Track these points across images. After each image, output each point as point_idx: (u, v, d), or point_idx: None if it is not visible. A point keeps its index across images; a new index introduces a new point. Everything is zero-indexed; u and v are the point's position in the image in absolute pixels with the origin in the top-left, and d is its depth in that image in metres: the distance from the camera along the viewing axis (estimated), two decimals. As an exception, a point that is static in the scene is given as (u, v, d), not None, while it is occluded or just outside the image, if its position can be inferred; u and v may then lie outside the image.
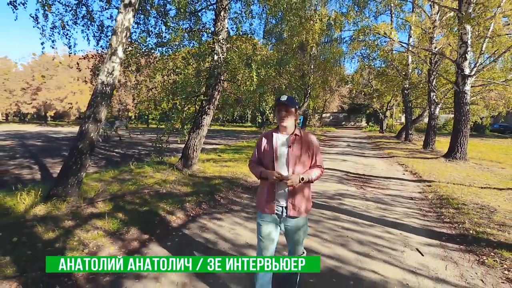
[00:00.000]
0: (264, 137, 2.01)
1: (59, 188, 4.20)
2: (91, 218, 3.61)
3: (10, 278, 2.30)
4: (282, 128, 1.94)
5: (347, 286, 2.35)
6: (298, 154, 1.91)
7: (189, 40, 7.15)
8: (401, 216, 4.09)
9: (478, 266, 2.67)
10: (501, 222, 3.66)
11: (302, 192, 1.94)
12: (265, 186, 1.96)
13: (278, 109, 1.90)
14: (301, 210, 1.93)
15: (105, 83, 4.24)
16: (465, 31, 8.40)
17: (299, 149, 1.91)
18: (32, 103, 43.67)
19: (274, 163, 1.90)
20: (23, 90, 43.72)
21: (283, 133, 1.95)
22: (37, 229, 3.24)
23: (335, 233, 3.42)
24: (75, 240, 2.99)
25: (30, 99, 43.27)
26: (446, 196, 4.98)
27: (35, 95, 42.46)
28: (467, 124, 9.16)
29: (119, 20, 4.21)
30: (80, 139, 4.25)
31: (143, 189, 5.14)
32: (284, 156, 1.91)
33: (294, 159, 1.90)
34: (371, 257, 2.85)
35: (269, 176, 1.87)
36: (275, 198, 1.93)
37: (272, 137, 1.95)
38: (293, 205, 1.91)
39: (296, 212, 1.91)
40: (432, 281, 2.43)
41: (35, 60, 44.67)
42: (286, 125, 1.90)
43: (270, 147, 1.94)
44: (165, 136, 8.93)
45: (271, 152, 1.92)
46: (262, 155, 1.99)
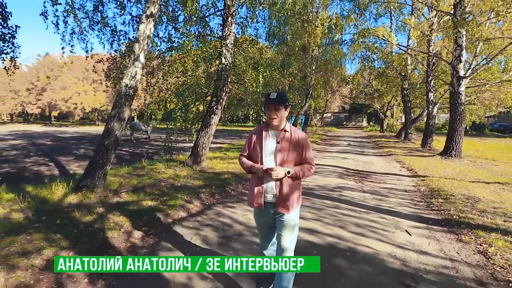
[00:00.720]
0: (254, 133, 2.04)
1: (87, 180, 4.70)
2: (119, 206, 4.10)
3: (67, 248, 2.79)
4: (272, 126, 1.95)
5: (345, 257, 2.82)
6: (286, 149, 1.92)
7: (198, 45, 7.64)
8: (395, 205, 4.56)
9: (456, 243, 3.14)
10: (482, 210, 4.12)
11: (290, 188, 1.95)
12: (254, 180, 2.00)
13: (267, 107, 1.90)
14: (288, 207, 1.93)
15: (129, 86, 4.73)
16: (459, 34, 8.84)
17: (287, 145, 1.92)
18: (37, 103, 44.26)
19: (262, 159, 1.93)
20: (28, 90, 44.32)
21: (274, 130, 1.97)
22: (75, 214, 3.73)
23: (335, 218, 3.89)
24: (110, 222, 3.47)
25: (35, 99, 43.88)
26: (437, 188, 5.45)
27: (40, 96, 43.04)
28: (462, 124, 9.60)
29: (141, 29, 4.70)
30: (106, 136, 4.74)
31: (159, 182, 5.63)
32: (272, 151, 1.93)
33: (282, 155, 1.91)
34: (365, 236, 3.32)
35: (257, 170, 1.91)
36: (263, 192, 1.96)
37: (262, 133, 1.98)
38: (281, 201, 1.93)
39: (284, 209, 1.93)
40: (416, 253, 2.90)
41: (40, 61, 45.30)
42: (276, 123, 1.92)
43: (259, 143, 1.96)
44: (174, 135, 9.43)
45: (260, 148, 1.95)
46: (252, 151, 2.02)
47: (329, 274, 2.49)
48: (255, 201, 1.99)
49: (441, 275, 2.49)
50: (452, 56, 9.71)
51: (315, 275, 2.44)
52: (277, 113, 1.88)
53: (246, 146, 2.07)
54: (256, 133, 2.01)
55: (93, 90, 40.35)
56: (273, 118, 1.88)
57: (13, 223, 3.41)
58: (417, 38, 15.64)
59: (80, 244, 2.90)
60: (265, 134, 1.96)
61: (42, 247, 2.78)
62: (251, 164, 1.97)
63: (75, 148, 14.67)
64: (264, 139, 1.95)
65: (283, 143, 1.92)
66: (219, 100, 7.78)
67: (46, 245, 2.83)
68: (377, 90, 24.51)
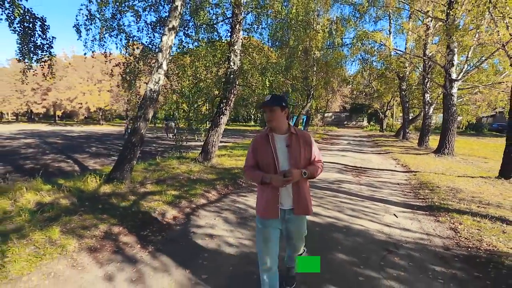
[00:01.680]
0: (259, 139, 1.94)
1: (117, 173, 5.36)
2: (148, 194, 4.76)
3: (116, 225, 3.45)
4: (272, 129, 1.92)
5: (341, 232, 3.47)
6: (297, 151, 1.87)
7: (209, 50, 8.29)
8: (387, 195, 5.21)
9: (434, 222, 3.79)
10: (461, 198, 4.77)
11: (306, 189, 1.94)
12: (267, 190, 1.88)
13: (263, 110, 1.91)
14: (307, 208, 1.92)
15: (153, 90, 5.38)
16: (451, 40, 9.46)
17: (297, 147, 1.88)
18: (42, 103, 44.96)
19: (276, 165, 1.84)
20: (33, 90, 45.00)
21: (278, 133, 1.91)
22: (112, 200, 4.39)
23: (334, 204, 4.54)
24: (145, 206, 4.13)
25: (40, 99, 44.59)
26: (425, 182, 6.09)
27: (45, 95, 43.71)
28: (454, 123, 10.23)
29: (164, 41, 5.35)
30: (133, 134, 5.40)
31: (177, 176, 6.28)
32: (285, 156, 1.86)
33: (295, 157, 1.86)
34: (359, 218, 3.96)
35: (276, 180, 1.78)
36: (279, 201, 1.86)
37: (269, 138, 1.89)
38: (299, 204, 1.89)
39: (303, 211, 1.91)
40: (400, 230, 3.55)
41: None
42: (274, 125, 1.89)
43: (268, 149, 1.87)
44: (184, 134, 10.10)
45: (271, 154, 1.86)
46: (261, 159, 1.90)
47: (328, 243, 3.14)
48: (270, 211, 1.87)
49: (417, 244, 3.14)
50: (445, 59, 10.33)
51: (317, 242, 3.09)
52: (273, 114, 1.86)
53: (251, 156, 1.95)
54: (261, 140, 1.92)
55: (97, 90, 41.05)
56: (269, 120, 1.87)
57: (63, 207, 4.07)
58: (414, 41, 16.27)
59: (125, 222, 3.56)
60: (271, 139, 1.88)
61: (96, 223, 3.44)
62: (262, 174, 1.84)
63: (86, 146, 15.35)
64: (272, 144, 1.87)
65: (293, 145, 1.87)
66: (227, 101, 8.42)
67: (99, 222, 3.48)
68: (377, 90, 25.12)
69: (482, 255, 2.81)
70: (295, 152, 1.87)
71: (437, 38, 14.39)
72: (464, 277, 2.48)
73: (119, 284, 2.33)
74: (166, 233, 3.40)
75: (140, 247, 2.98)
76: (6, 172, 8.12)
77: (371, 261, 2.75)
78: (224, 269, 2.59)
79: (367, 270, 2.59)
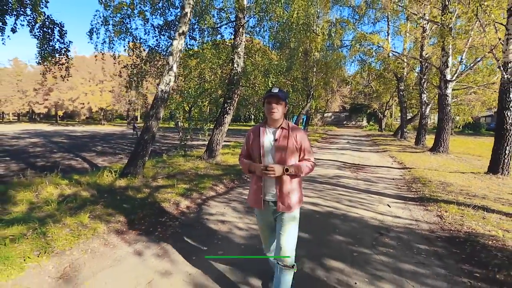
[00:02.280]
0: (252, 132, 2.01)
1: (130, 168, 5.75)
2: (160, 188, 5.14)
3: (135, 213, 3.83)
4: (271, 121, 1.93)
5: (339, 218, 3.86)
6: (284, 147, 1.88)
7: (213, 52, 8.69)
8: (382, 188, 5.60)
9: (423, 211, 4.19)
10: (450, 191, 5.17)
11: (291, 186, 1.91)
12: (253, 180, 1.98)
13: (268, 101, 1.88)
14: (290, 205, 1.90)
15: (164, 91, 5.78)
16: (446, 42, 9.85)
17: (285, 142, 1.88)
18: (44, 103, 45.27)
19: (261, 157, 1.91)
20: (35, 90, 45.30)
21: (271, 127, 1.95)
22: (129, 193, 4.78)
23: (333, 196, 4.94)
24: (160, 198, 4.52)
25: (42, 99, 44.91)
26: (419, 177, 6.49)
27: (47, 96, 44.02)
28: (449, 123, 10.64)
29: (174, 45, 5.74)
30: (145, 132, 5.79)
31: (185, 172, 6.67)
32: (269, 150, 1.90)
33: (280, 152, 1.88)
34: (355, 207, 4.36)
35: (255, 168, 1.89)
36: (262, 192, 1.93)
37: (259, 131, 1.95)
38: (281, 200, 1.89)
39: (286, 208, 1.90)
40: (391, 217, 3.94)
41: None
42: (276, 117, 1.89)
43: (257, 141, 1.93)
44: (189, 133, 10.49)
45: (258, 146, 1.92)
46: (251, 149, 1.99)
47: (328, 227, 3.53)
48: (255, 201, 1.98)
49: (406, 228, 3.53)
50: (440, 61, 10.73)
51: (317, 226, 3.49)
52: (278, 106, 1.87)
53: (245, 146, 2.05)
54: (254, 132, 1.99)
55: (99, 90, 41.44)
56: (274, 112, 1.86)
57: (84, 199, 4.46)
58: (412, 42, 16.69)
59: (144, 210, 3.95)
60: (262, 132, 1.94)
61: (118, 211, 3.83)
62: (249, 163, 1.96)
63: (91, 145, 15.75)
64: (261, 137, 1.92)
65: (280, 140, 1.89)
66: (231, 102, 8.81)
67: (121, 211, 3.87)
68: (376, 90, 25.55)
69: (462, 236, 3.21)
70: (281, 148, 1.88)
71: (433, 40, 14.82)
72: (443, 252, 2.87)
73: (148, 258, 2.72)
74: (182, 219, 3.79)
75: (160, 230, 3.37)
76: (20, 169, 8.52)
77: (364, 241, 3.14)
78: (237, 247, 2.98)
79: (360, 248, 2.98)
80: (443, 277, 2.42)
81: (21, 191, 4.80)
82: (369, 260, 2.71)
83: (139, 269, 2.52)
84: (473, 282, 2.34)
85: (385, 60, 16.21)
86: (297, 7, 8.10)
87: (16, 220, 3.35)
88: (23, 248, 2.68)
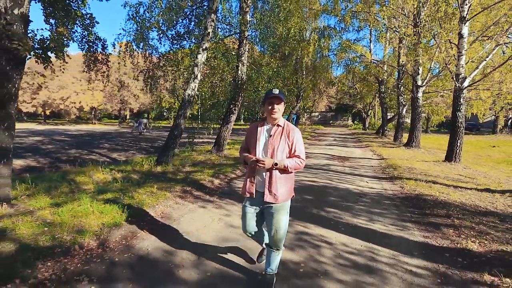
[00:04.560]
0: (251, 128, 2.23)
1: (163, 158, 7.08)
2: (191, 172, 6.52)
3: (184, 187, 5.21)
4: (271, 120, 2.10)
5: (332, 189, 5.40)
6: (277, 143, 2.05)
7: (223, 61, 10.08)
8: (362, 172, 7.22)
9: (391, 184, 5.81)
10: (413, 173, 6.85)
11: (279, 179, 2.07)
12: (248, 171, 2.19)
13: (270, 102, 2.05)
14: (277, 197, 2.04)
15: (190, 95, 7.14)
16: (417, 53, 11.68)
17: (278, 138, 2.06)
18: (32, 102, 44.64)
19: (256, 151, 2.10)
20: (22, 89, 44.61)
21: (269, 124, 2.14)
22: (168, 175, 6.13)
23: (326, 177, 6.49)
24: (195, 178, 5.90)
25: (30, 98, 44.29)
26: (392, 164, 8.17)
27: (35, 94, 43.49)
28: (420, 121, 12.52)
29: (199, 58, 7.11)
30: (175, 128, 7.13)
31: (203, 162, 8.05)
32: (263, 144, 2.10)
33: (272, 147, 2.05)
34: (343, 183, 5.92)
35: (248, 160, 2.09)
36: (254, 182, 2.12)
37: (258, 127, 2.16)
38: (270, 191, 2.05)
39: (272, 198, 2.05)
40: (368, 188, 5.52)
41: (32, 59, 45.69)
42: (278, 116, 2.07)
43: (254, 136, 2.14)
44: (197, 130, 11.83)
45: (254, 140, 2.12)
46: (249, 143, 2.20)
47: (324, 193, 5.05)
48: (247, 189, 2.16)
49: (377, 193, 5.12)
50: (412, 69, 12.59)
51: (317, 192, 5.01)
52: (279, 106, 2.06)
53: (246, 139, 2.29)
54: (254, 128, 2.21)
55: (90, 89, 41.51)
56: (275, 111, 2.04)
57: (136, 179, 5.78)
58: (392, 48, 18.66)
59: (190, 186, 5.34)
60: (260, 128, 2.14)
61: (171, 186, 5.19)
62: (245, 155, 2.17)
63: (96, 143, 16.69)
64: (259, 133, 2.12)
65: (274, 136, 2.07)
66: (236, 103, 10.23)
67: (173, 185, 5.24)
68: (360, 92, 27.59)
69: (412, 196, 4.83)
70: (274, 143, 2.06)
71: (409, 49, 16.82)
72: (399, 204, 4.47)
73: (210, 209, 4.14)
74: (219, 191, 5.22)
75: (209, 196, 4.80)
76: (49, 162, 9.60)
77: (349, 200, 4.68)
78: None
79: (347, 203, 4.51)
80: (396, 214, 4.00)
81: (77, 176, 6.03)
82: (352, 208, 4.25)
83: (208, 213, 3.95)
84: (412, 215, 3.94)
85: (368, 65, 18.10)
86: (293, 24, 9.64)
87: (104, 191, 4.67)
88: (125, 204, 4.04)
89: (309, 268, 2.53)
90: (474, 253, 2.73)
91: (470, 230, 3.27)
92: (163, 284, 2.28)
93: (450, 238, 3.12)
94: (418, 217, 3.85)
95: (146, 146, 14.87)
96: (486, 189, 5.33)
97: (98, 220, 3.40)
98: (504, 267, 2.43)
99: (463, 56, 7.98)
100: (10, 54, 3.54)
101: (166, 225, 3.53)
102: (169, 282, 2.31)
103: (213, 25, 7.19)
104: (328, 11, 19.19)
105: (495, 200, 4.57)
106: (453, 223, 3.49)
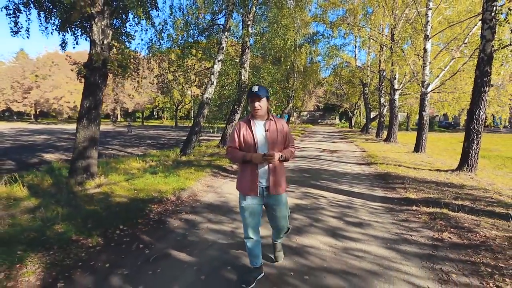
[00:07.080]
0: (241, 124, 2.19)
1: (186, 150, 8.62)
2: (212, 161, 8.07)
3: (213, 170, 6.79)
4: (257, 116, 2.18)
5: (323, 170, 7.11)
6: (274, 136, 2.15)
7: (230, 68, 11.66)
8: (347, 160, 9.00)
9: (368, 168, 7.60)
10: (386, 160, 8.67)
11: (281, 171, 2.20)
12: (247, 169, 2.15)
13: (251, 100, 2.12)
14: (282, 188, 2.19)
15: (208, 98, 8.69)
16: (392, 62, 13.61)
17: (274, 132, 2.16)
18: (23, 101, 44.49)
19: (256, 147, 2.11)
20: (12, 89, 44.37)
21: (259, 120, 2.19)
22: (194, 163, 7.67)
23: (318, 163, 8.22)
24: (217, 164, 7.46)
25: (21, 97, 44.16)
26: (371, 154, 10.00)
27: (27, 94, 43.39)
28: (397, 120, 14.51)
29: (215, 68, 8.67)
30: (195, 125, 8.67)
31: (216, 153, 9.61)
32: (263, 139, 2.14)
33: (272, 141, 2.13)
34: (332, 167, 7.65)
35: (254, 158, 2.06)
36: (258, 179, 2.12)
37: (250, 123, 2.17)
38: (274, 183, 2.14)
39: (278, 190, 2.17)
40: (351, 170, 7.28)
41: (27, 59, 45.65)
42: (261, 113, 2.15)
43: (249, 133, 2.14)
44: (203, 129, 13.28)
45: (251, 138, 2.12)
46: (242, 141, 2.16)
47: (318, 173, 6.74)
48: (250, 188, 2.14)
49: (358, 173, 6.87)
50: (390, 74, 14.56)
51: (313, 173, 6.72)
52: (260, 103, 2.12)
53: (235, 137, 2.18)
54: (244, 125, 2.18)
55: (84, 89, 41.83)
56: (257, 109, 2.12)
57: (169, 165, 7.31)
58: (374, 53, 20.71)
59: (216, 169, 6.91)
60: (253, 124, 2.17)
61: (201, 169, 6.75)
62: (243, 153, 2.12)
63: (104, 141, 17.83)
64: (253, 130, 2.15)
65: (271, 130, 2.16)
66: (239, 103, 11.82)
67: (202, 169, 6.80)
68: (346, 93, 29.70)
69: (382, 174, 6.61)
70: (273, 137, 2.15)
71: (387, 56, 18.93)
72: (372, 178, 6.23)
73: (237, 182, 5.74)
74: (239, 172, 6.82)
75: (233, 175, 6.40)
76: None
77: (337, 177, 6.40)
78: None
79: (335, 178, 6.23)
80: (368, 184, 5.74)
81: (118, 164, 7.47)
82: (338, 181, 5.97)
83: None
84: (379, 183, 5.70)
85: (352, 70, 20.09)
86: (289, 37, 11.33)
87: (154, 172, 6.18)
88: (177, 179, 5.59)
89: (313, 206, 4.21)
90: (411, 199, 4.49)
91: (413, 189, 5.05)
92: (229, 214, 3.88)
93: (400, 193, 4.88)
94: (383, 184, 5.61)
95: (153, 143, 16.21)
96: (437, 170, 7.19)
97: (167, 186, 4.96)
98: (424, 203, 4.18)
99: (427, 66, 9.89)
100: (101, 71, 5.04)
101: (213, 190, 5.13)
102: (232, 213, 3.92)
103: (227, 41, 8.77)
104: (318, 19, 21.10)
105: (439, 175, 6.40)
106: (404, 187, 5.26)
